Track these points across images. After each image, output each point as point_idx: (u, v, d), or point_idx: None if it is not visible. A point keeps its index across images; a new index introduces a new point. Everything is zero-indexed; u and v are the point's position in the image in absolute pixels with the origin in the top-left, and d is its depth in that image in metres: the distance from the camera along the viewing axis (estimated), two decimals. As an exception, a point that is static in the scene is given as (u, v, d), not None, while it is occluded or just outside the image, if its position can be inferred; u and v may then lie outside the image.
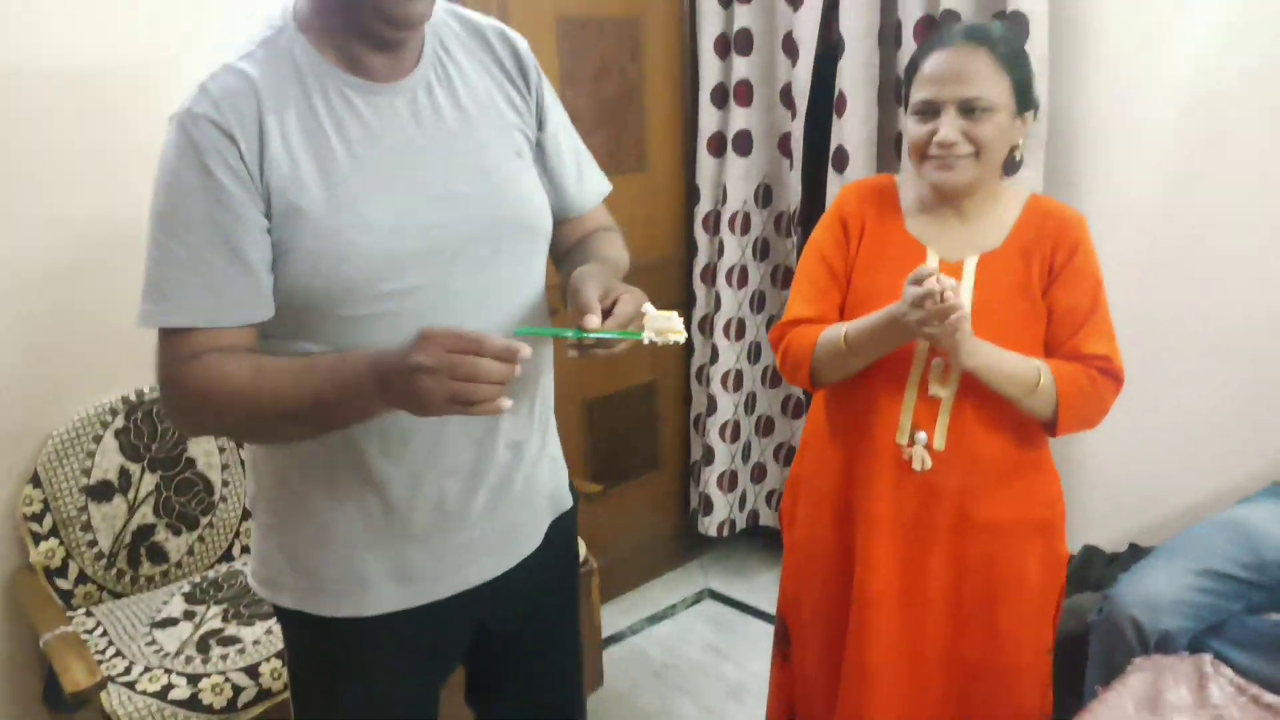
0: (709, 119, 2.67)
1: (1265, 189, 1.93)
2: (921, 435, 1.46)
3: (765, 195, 2.71)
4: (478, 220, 1.13)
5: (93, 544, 1.95)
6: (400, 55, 1.11)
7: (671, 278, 2.84)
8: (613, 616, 2.73)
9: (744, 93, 2.57)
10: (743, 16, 2.54)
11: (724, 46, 2.62)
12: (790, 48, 2.48)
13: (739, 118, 2.60)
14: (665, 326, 1.14)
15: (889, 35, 2.34)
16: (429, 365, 0.94)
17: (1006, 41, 1.42)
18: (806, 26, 2.39)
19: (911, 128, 1.43)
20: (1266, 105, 1.90)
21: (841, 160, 2.40)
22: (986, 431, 1.46)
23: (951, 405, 1.45)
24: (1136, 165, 2.08)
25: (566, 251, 1.31)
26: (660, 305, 1.15)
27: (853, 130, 2.36)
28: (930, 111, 1.40)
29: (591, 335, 1.07)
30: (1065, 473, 2.31)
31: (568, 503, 1.36)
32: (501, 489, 1.23)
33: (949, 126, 1.37)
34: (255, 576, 1.25)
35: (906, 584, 1.51)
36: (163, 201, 1.05)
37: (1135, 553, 2.05)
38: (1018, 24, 2.00)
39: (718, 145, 2.69)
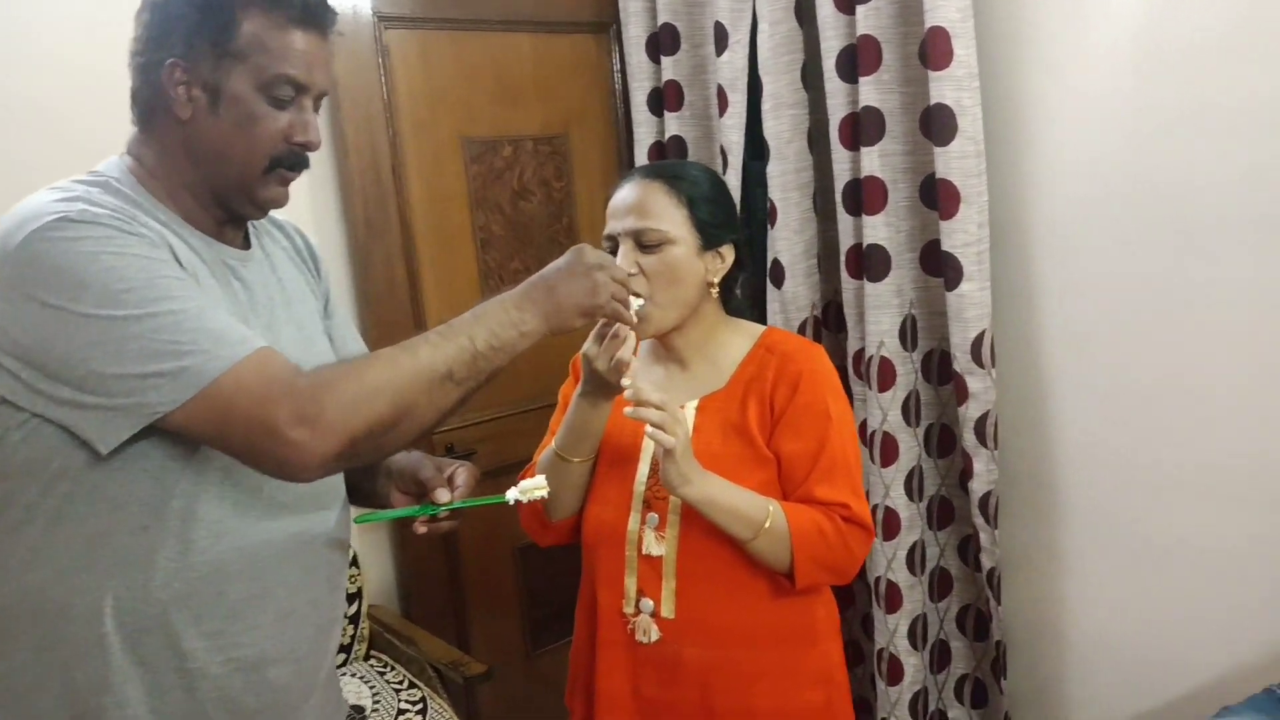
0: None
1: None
2: (647, 603, 1.33)
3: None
4: None
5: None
6: (239, 230, 1.14)
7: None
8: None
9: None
10: (672, 125, 2.35)
11: (659, 155, 2.43)
12: (724, 156, 2.27)
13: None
14: (530, 485, 1.17)
15: (820, 137, 2.11)
16: (604, 264, 1.13)
17: (691, 180, 1.36)
18: (733, 133, 2.19)
19: None
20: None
21: (779, 274, 2.14)
22: (725, 594, 1.31)
23: (675, 565, 1.32)
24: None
25: None
26: None
27: (787, 242, 2.12)
28: (614, 247, 1.35)
29: (446, 508, 1.10)
30: (1063, 643, 1.94)
31: None
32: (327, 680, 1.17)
33: (624, 258, 1.32)
34: None
35: None
36: (110, 280, 0.91)
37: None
38: (944, 120, 1.76)
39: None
